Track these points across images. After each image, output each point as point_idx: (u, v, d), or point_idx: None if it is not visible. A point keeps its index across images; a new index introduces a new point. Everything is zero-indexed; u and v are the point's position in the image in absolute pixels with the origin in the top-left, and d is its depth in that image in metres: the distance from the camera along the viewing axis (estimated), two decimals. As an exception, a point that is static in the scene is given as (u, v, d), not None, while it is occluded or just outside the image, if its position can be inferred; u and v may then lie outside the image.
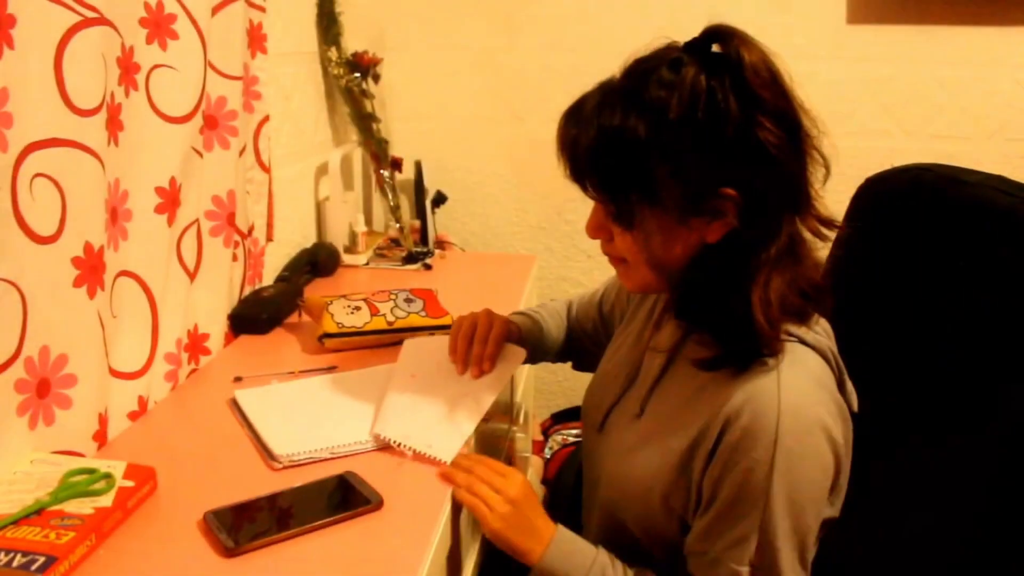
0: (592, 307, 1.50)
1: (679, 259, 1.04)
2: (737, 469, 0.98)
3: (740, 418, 0.98)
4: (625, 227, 1.05)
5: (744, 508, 0.99)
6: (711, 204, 0.99)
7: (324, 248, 2.08)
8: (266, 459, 1.20)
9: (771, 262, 0.99)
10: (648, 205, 1.01)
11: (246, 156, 1.66)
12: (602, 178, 1.02)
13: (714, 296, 1.02)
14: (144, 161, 1.32)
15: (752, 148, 0.96)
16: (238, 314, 1.67)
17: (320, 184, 2.18)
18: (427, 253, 2.24)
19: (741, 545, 0.99)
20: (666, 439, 1.07)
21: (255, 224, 1.74)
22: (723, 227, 1.00)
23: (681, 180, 0.98)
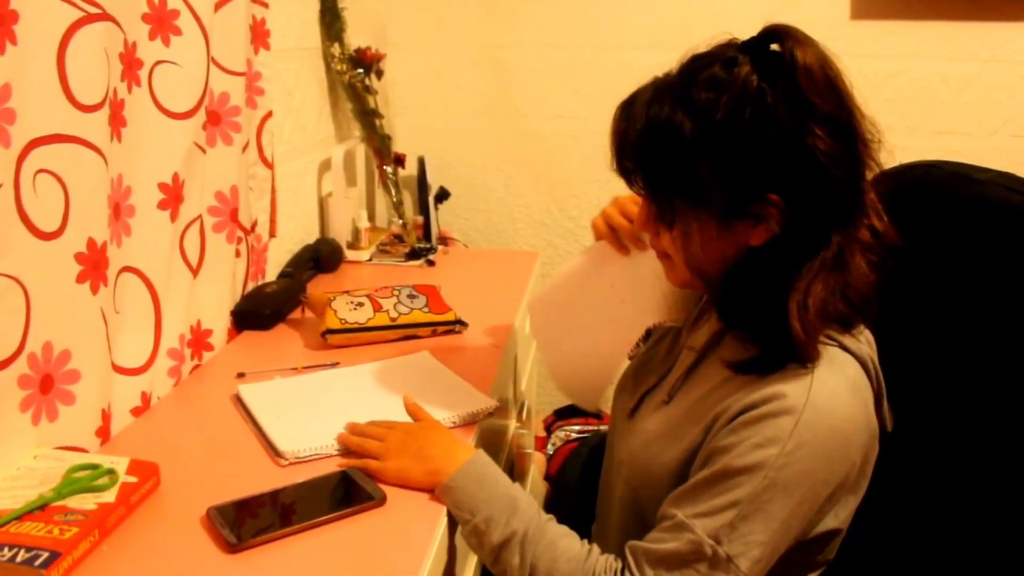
0: None
1: (721, 261, 1.04)
2: (744, 443, 0.96)
3: (764, 404, 0.97)
4: (666, 226, 1.04)
5: (735, 481, 0.96)
6: (755, 208, 0.97)
7: (327, 244, 2.08)
8: (271, 455, 1.20)
9: (815, 270, 0.98)
10: (691, 205, 1.01)
11: (249, 152, 1.66)
12: (647, 174, 1.02)
13: (755, 299, 1.01)
14: (147, 157, 1.32)
15: (800, 155, 0.94)
16: (241, 310, 1.67)
17: (323, 180, 2.18)
18: (430, 249, 2.24)
19: (713, 516, 0.96)
20: (688, 426, 1.07)
21: (258, 220, 1.74)
22: (767, 232, 0.99)
23: (725, 182, 0.97)
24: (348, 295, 1.63)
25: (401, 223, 2.30)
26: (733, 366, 1.02)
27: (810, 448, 0.95)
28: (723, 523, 0.95)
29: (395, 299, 1.64)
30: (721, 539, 0.95)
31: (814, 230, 0.97)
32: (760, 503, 0.95)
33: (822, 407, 0.96)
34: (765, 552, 0.96)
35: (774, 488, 0.95)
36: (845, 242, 0.99)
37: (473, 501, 1.07)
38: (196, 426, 1.31)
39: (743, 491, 0.95)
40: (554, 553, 1.02)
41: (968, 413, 1.12)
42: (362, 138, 2.28)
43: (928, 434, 1.17)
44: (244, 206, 1.62)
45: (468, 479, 1.09)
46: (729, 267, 1.04)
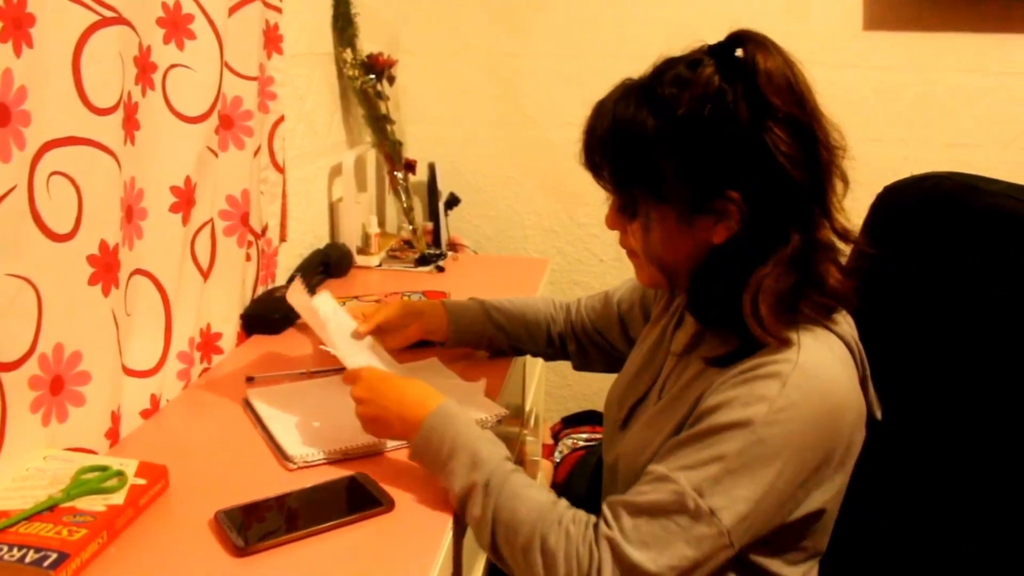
0: (607, 309, 1.51)
1: (685, 257, 1.06)
2: (732, 401, 0.97)
3: (753, 369, 0.98)
4: (628, 218, 1.07)
5: (721, 436, 0.96)
6: (715, 205, 1.00)
7: (337, 249, 2.08)
8: (280, 459, 1.20)
9: (772, 268, 0.99)
10: (653, 200, 1.03)
11: (260, 156, 1.67)
12: (611, 168, 1.05)
13: (720, 297, 1.03)
14: (160, 160, 1.32)
15: (759, 153, 0.97)
16: (251, 314, 1.67)
17: (334, 185, 2.18)
18: (440, 255, 2.24)
19: (698, 469, 0.96)
20: (673, 412, 1.08)
21: (269, 224, 1.75)
22: (727, 230, 1.01)
23: (686, 178, 0.99)
24: (358, 301, 1.63)
25: (411, 229, 2.30)
26: (711, 361, 1.04)
27: (799, 410, 0.95)
28: (707, 476, 0.95)
29: (404, 305, 1.63)
30: (704, 491, 0.95)
31: (772, 228, 0.99)
32: (746, 459, 0.95)
33: (811, 371, 0.97)
34: (750, 512, 0.95)
35: (762, 445, 0.95)
36: (805, 242, 1.00)
37: (436, 457, 1.09)
38: (205, 429, 1.31)
39: (729, 446, 0.95)
40: (515, 503, 1.02)
41: (975, 413, 1.12)
42: (373, 144, 2.28)
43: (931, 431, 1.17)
44: (255, 210, 1.62)
45: (431, 432, 1.11)
46: (696, 266, 1.06)
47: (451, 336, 1.51)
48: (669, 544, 0.95)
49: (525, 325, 1.54)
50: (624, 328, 1.48)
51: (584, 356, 1.56)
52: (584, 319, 1.55)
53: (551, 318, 1.56)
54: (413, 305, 1.49)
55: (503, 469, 1.06)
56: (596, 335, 1.53)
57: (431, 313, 1.51)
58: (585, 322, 1.54)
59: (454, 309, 1.52)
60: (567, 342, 1.56)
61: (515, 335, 1.54)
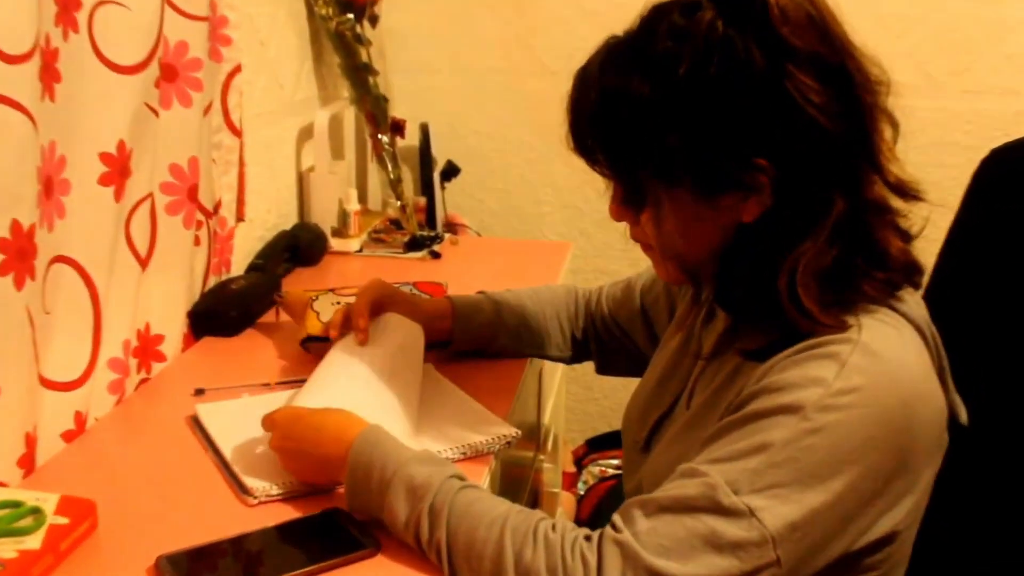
0: (629, 299, 1.51)
1: (708, 246, 1.06)
2: (779, 384, 0.97)
3: (802, 351, 0.98)
4: (635, 210, 1.08)
5: (764, 423, 0.96)
6: (742, 178, 1.00)
7: (307, 230, 2.07)
8: (236, 492, 1.20)
9: (817, 241, 0.99)
10: (663, 184, 1.03)
11: (212, 116, 1.66)
12: (606, 151, 1.05)
13: (756, 283, 1.03)
14: (86, 120, 1.32)
15: (784, 107, 0.97)
16: (201, 311, 1.67)
17: (303, 151, 2.17)
18: (435, 238, 2.24)
19: (734, 461, 0.95)
20: (705, 419, 1.08)
21: (222, 200, 1.74)
22: (759, 205, 1.01)
23: (700, 152, 0.99)
24: (334, 294, 1.63)
25: (399, 205, 2.29)
26: (748, 354, 1.04)
27: (862, 396, 0.95)
28: (746, 468, 0.95)
29: (391, 299, 1.63)
30: (741, 486, 0.94)
31: (812, 194, 1.00)
32: (796, 452, 0.94)
33: (876, 351, 0.97)
34: (801, 520, 0.94)
35: (815, 436, 0.94)
36: (852, 205, 1.00)
37: (369, 498, 1.09)
38: (143, 455, 1.31)
39: (775, 434, 0.95)
40: (470, 522, 1.02)
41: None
42: (352, 100, 2.28)
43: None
44: (206, 182, 1.61)
45: (354, 480, 1.11)
46: (722, 252, 1.06)
47: (456, 337, 1.52)
48: (695, 550, 0.94)
49: (544, 326, 1.55)
50: (648, 324, 1.48)
51: (606, 357, 1.56)
52: (604, 312, 1.55)
53: (573, 313, 1.57)
54: (385, 283, 1.48)
55: (447, 488, 1.05)
56: (617, 331, 1.53)
57: (430, 302, 1.52)
58: (606, 315, 1.55)
59: (463, 307, 1.52)
60: (589, 340, 1.56)
61: (532, 339, 1.55)
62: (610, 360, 1.56)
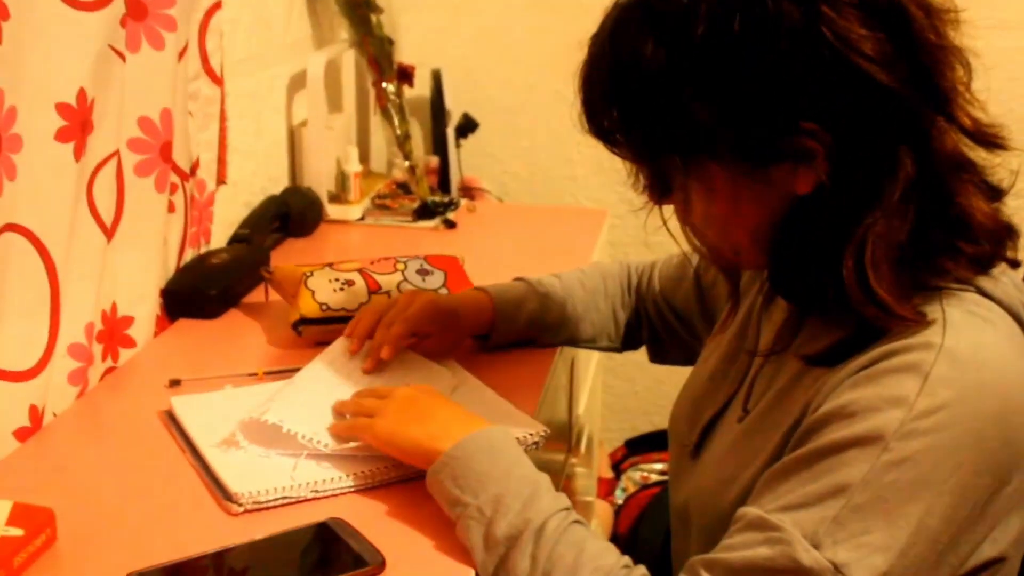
0: (684, 277, 1.51)
1: (759, 224, 1.06)
2: (851, 407, 0.96)
3: (880, 361, 0.98)
4: (659, 196, 1.11)
5: (840, 458, 0.95)
6: (788, 146, 1.00)
7: (300, 196, 2.08)
8: (217, 498, 1.20)
9: (880, 213, 0.99)
10: (698, 162, 1.03)
11: (188, 61, 1.65)
12: (627, 133, 1.06)
13: (819, 266, 1.03)
14: (40, 65, 1.31)
15: (826, 60, 0.96)
16: (176, 289, 1.67)
17: (295, 103, 2.17)
18: (449, 204, 2.23)
19: (809, 508, 0.95)
20: (767, 433, 1.08)
21: (201, 160, 1.74)
22: (814, 173, 1.01)
23: (733, 123, 0.99)
24: (331, 270, 1.63)
25: (407, 166, 2.29)
26: (813, 359, 1.05)
27: (951, 414, 0.94)
28: (824, 517, 0.94)
29: (399, 276, 1.64)
30: (822, 540, 0.94)
31: (874, 157, 0.99)
32: (880, 490, 0.94)
33: (965, 357, 0.96)
34: (892, 567, 0.94)
35: (900, 469, 0.94)
36: (924, 162, 0.99)
37: (480, 477, 1.12)
38: (109, 456, 1.31)
39: (853, 471, 0.94)
40: (579, 557, 1.04)
41: None
42: (352, 43, 2.27)
43: None
44: (181, 139, 1.61)
45: (478, 449, 1.15)
46: (777, 231, 1.06)
47: (496, 338, 1.53)
48: None
49: (595, 316, 1.56)
50: (706, 308, 1.47)
51: (660, 344, 1.57)
52: (656, 292, 1.55)
53: (625, 296, 1.57)
54: (439, 304, 1.48)
55: (567, 516, 1.08)
56: (671, 315, 1.53)
57: (470, 308, 1.52)
58: (658, 297, 1.55)
59: (504, 304, 1.52)
60: (641, 326, 1.56)
61: (582, 332, 1.56)
62: (664, 348, 1.57)
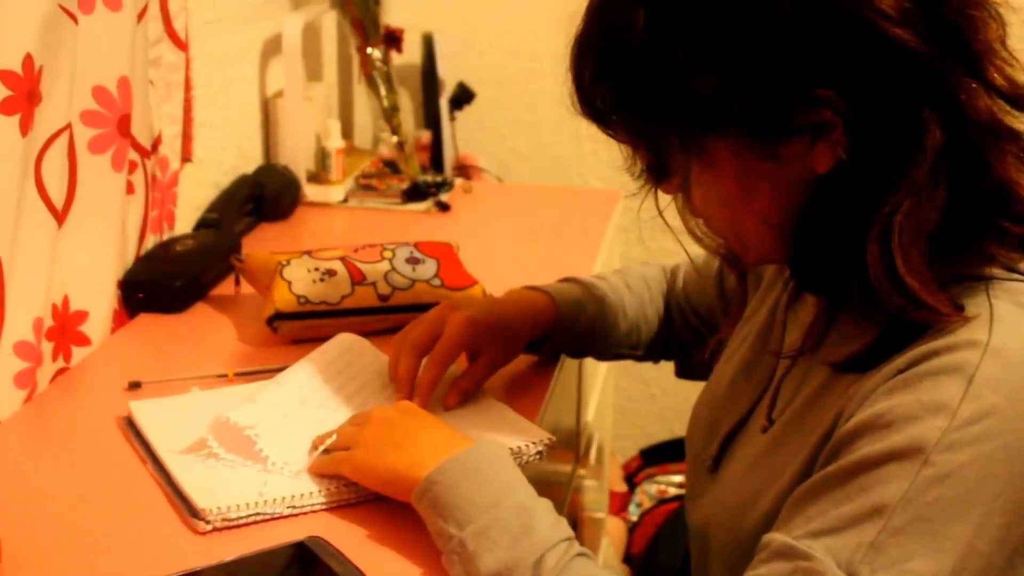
0: (708, 279, 1.51)
1: (771, 212, 1.06)
2: (887, 416, 0.96)
3: (919, 363, 0.97)
4: (658, 179, 1.13)
5: (876, 475, 0.95)
6: (804, 117, 1.00)
7: (275, 175, 2.08)
8: (183, 515, 1.20)
9: (906, 190, 0.99)
10: (699, 141, 1.03)
11: (148, 23, 1.65)
12: (621, 111, 1.07)
13: (845, 254, 1.02)
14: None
15: (841, 17, 0.96)
16: (136, 280, 1.67)
17: (268, 71, 2.18)
18: (442, 185, 2.23)
19: (843, 532, 0.95)
20: (793, 446, 1.08)
21: (163, 134, 1.74)
22: (832, 148, 1.01)
23: (739, 93, 0.99)
24: (310, 258, 1.63)
25: (395, 142, 2.29)
26: (842, 366, 1.05)
27: (999, 422, 0.94)
28: (860, 543, 0.93)
29: (386, 265, 1.64)
30: (858, 568, 0.93)
31: (898, 126, 0.99)
32: (922, 509, 0.93)
33: (1015, 355, 0.96)
34: None
35: (944, 484, 0.93)
36: (954, 131, 0.99)
37: (464, 506, 1.11)
38: (60, 468, 1.31)
39: (891, 489, 0.94)
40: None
41: None
42: (333, 3, 2.27)
43: None
44: (141, 111, 1.61)
45: (465, 473, 1.14)
46: (793, 219, 1.06)
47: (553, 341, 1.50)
48: None
49: (641, 323, 1.55)
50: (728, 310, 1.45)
51: (686, 356, 1.57)
52: (681, 297, 1.55)
53: (663, 301, 1.57)
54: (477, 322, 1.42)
55: (567, 549, 1.08)
56: (696, 321, 1.53)
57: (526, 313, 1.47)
58: (682, 301, 1.55)
59: (566, 303, 1.49)
60: (671, 336, 1.56)
61: (630, 340, 1.54)
62: (692, 361, 1.56)
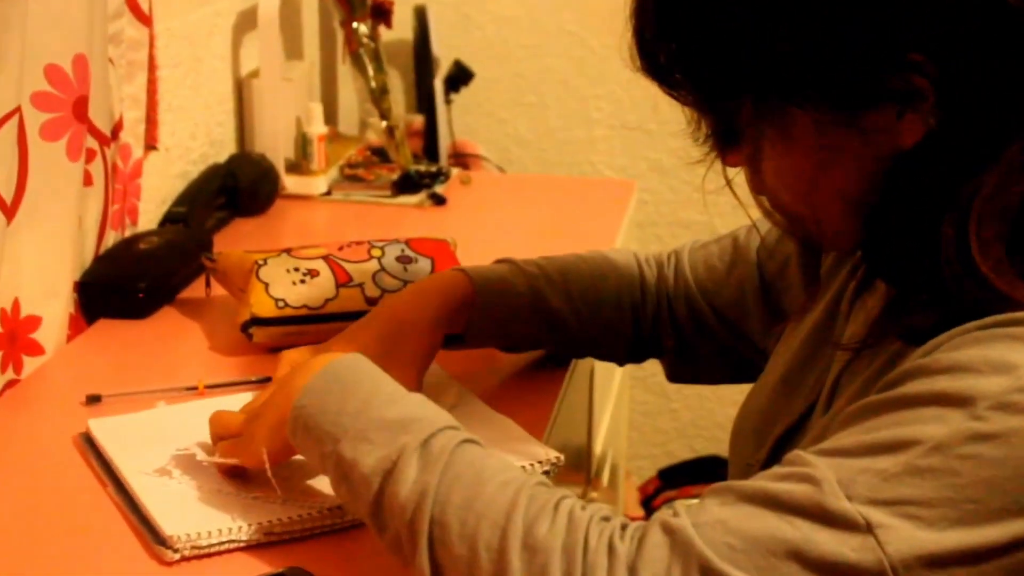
0: (737, 266, 1.50)
1: (850, 187, 1.06)
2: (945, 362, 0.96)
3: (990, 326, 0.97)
4: (726, 148, 1.12)
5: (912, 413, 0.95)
6: (893, 84, 1.00)
7: (250, 164, 2.08)
8: (148, 543, 1.20)
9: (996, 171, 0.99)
10: (770, 105, 1.03)
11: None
12: (688, 72, 1.07)
13: (925, 237, 1.02)
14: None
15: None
16: (95, 282, 1.67)
17: (242, 48, 2.18)
18: (437, 175, 2.23)
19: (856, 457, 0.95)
20: None
21: (125, 119, 1.74)
22: (922, 120, 1.01)
23: (822, 54, 0.99)
24: (290, 257, 1.62)
25: (384, 127, 2.28)
26: (909, 335, 1.05)
27: None
28: (869, 467, 0.94)
29: (375, 264, 1.64)
30: (858, 489, 0.93)
31: (998, 98, 0.99)
32: (954, 461, 0.93)
33: None
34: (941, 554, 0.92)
35: (987, 443, 0.92)
36: None
37: (335, 418, 1.13)
38: (11, 491, 1.31)
39: (928, 430, 0.94)
40: (477, 473, 1.05)
41: None
42: (314, -28, 2.27)
43: None
44: (99, 93, 1.61)
45: (326, 387, 1.16)
46: (870, 195, 1.06)
47: (474, 325, 1.48)
48: (775, 559, 0.93)
49: (599, 314, 1.52)
50: (771, 305, 1.46)
51: (686, 358, 1.54)
52: (691, 290, 1.53)
53: (638, 288, 1.54)
54: None
55: (451, 435, 1.09)
56: (712, 319, 1.51)
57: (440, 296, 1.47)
58: (693, 294, 1.53)
59: (485, 285, 1.48)
60: (661, 334, 1.54)
61: (579, 328, 1.51)
62: (694, 362, 1.54)
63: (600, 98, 2.64)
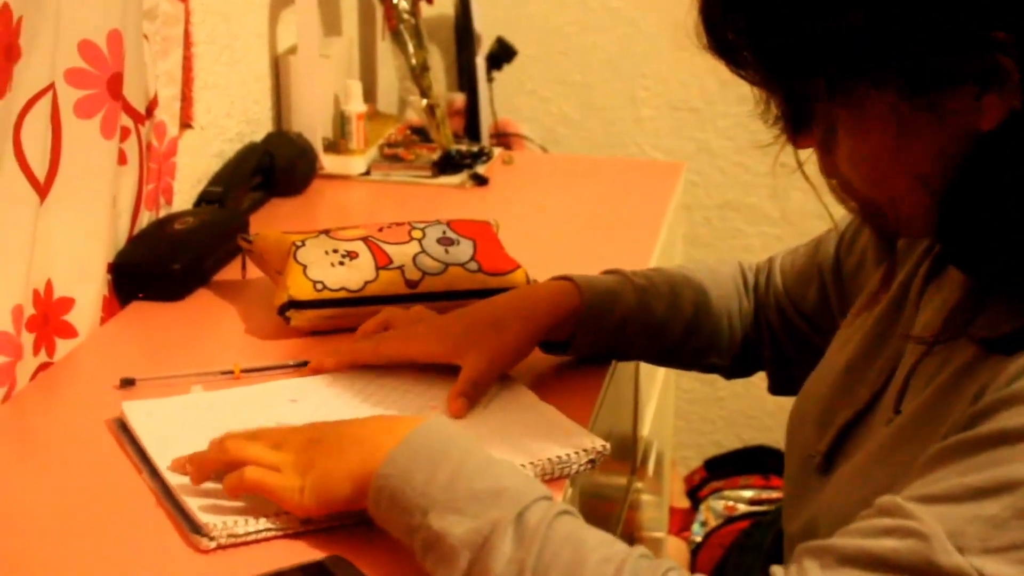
0: (814, 264, 1.49)
1: (926, 171, 1.05)
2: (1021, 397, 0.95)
3: None
4: (797, 131, 1.10)
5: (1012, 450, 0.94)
6: (974, 64, 0.98)
7: (287, 144, 2.09)
8: (183, 531, 1.20)
9: None
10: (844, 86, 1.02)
11: (143, -32, 1.65)
12: (759, 49, 1.05)
13: (1007, 224, 1.02)
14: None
15: None
16: (129, 263, 1.68)
17: (279, 23, 2.18)
18: (479, 155, 2.24)
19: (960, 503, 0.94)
20: (924, 436, 1.06)
21: (160, 96, 1.74)
22: (1003, 101, 1.00)
23: (900, 32, 0.98)
24: (328, 238, 1.62)
25: (425, 106, 2.29)
26: (992, 344, 1.03)
27: None
28: (978, 515, 0.93)
29: (415, 246, 1.64)
30: (970, 541, 0.92)
31: None
32: None
33: None
34: None
35: None
36: None
37: (423, 488, 1.11)
38: (43, 477, 1.31)
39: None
40: (577, 546, 1.04)
41: None
42: (353, -54, 2.27)
43: None
44: (134, 70, 1.61)
45: (413, 456, 1.14)
46: (947, 180, 1.05)
47: (579, 336, 1.48)
48: None
49: (702, 320, 1.53)
50: (844, 299, 1.44)
51: (785, 365, 1.54)
52: (780, 294, 1.53)
53: (740, 298, 1.55)
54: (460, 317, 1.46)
55: (544, 506, 1.08)
56: (801, 322, 1.51)
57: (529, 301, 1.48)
58: (783, 299, 1.53)
59: (593, 296, 1.48)
60: (761, 343, 1.54)
61: (684, 339, 1.52)
62: (792, 371, 1.53)
63: (646, 77, 2.63)
